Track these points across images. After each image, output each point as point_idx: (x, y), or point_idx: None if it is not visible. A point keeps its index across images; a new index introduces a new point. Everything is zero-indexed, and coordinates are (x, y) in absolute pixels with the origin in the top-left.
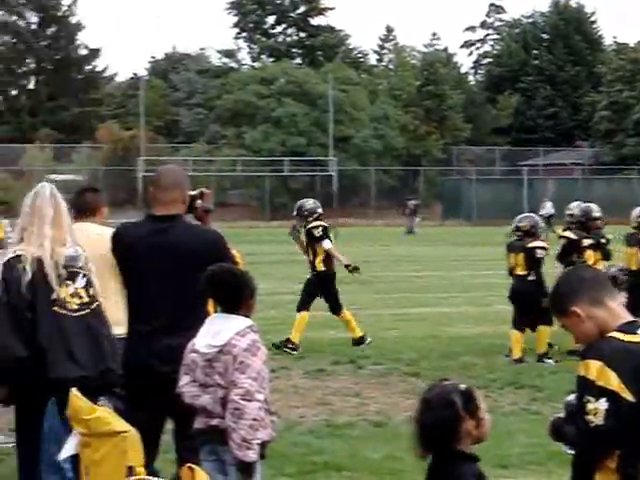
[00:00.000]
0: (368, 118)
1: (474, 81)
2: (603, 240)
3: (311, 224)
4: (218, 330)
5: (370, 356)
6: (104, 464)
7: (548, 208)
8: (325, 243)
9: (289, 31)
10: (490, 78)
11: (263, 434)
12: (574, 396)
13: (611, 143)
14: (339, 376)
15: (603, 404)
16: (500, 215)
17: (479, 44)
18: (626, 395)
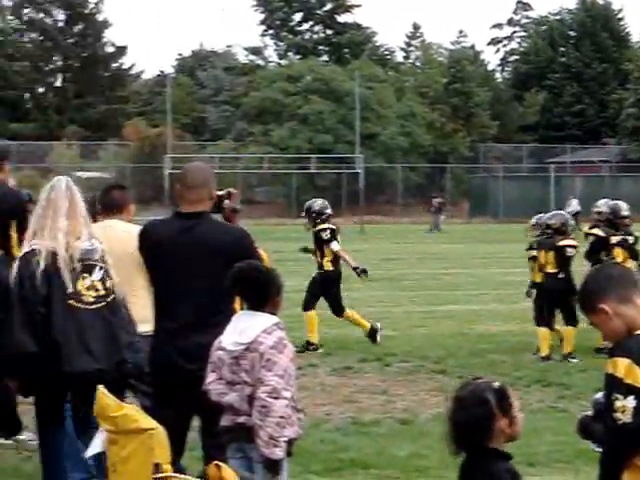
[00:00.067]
0: (395, 115)
1: (501, 78)
2: (631, 238)
3: (319, 226)
4: (245, 327)
5: (397, 353)
6: (131, 461)
7: (574, 205)
8: (333, 245)
9: (316, 28)
10: (517, 75)
11: (290, 431)
12: (602, 394)
13: (638, 140)
14: (366, 373)
15: (631, 402)
16: (527, 212)
17: (506, 41)
18: None
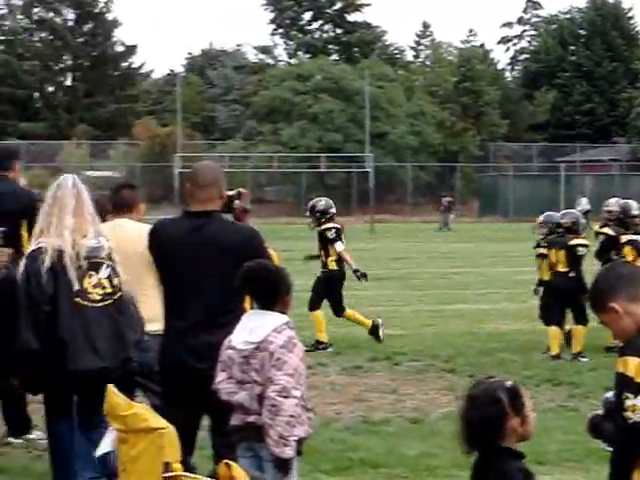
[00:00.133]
0: (404, 114)
1: (511, 77)
2: None
3: (325, 225)
4: (254, 327)
5: (407, 352)
6: (141, 460)
7: (583, 204)
8: (337, 245)
9: (326, 27)
10: (527, 74)
11: (300, 431)
12: (612, 393)
13: None
14: (376, 373)
15: None
16: (537, 211)
17: (516, 40)
18: None
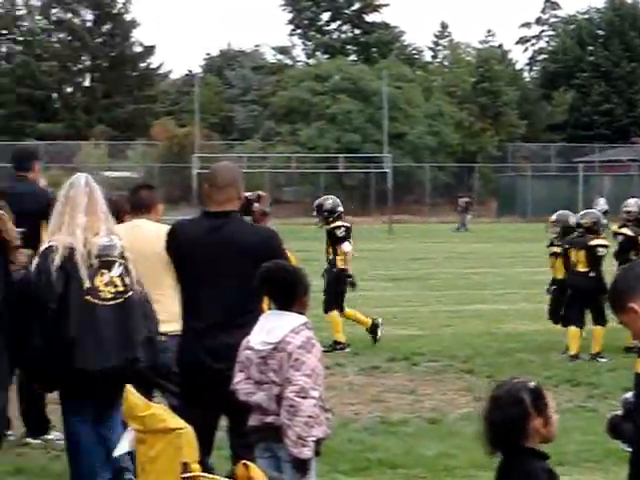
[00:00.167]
0: (423, 115)
1: (529, 78)
2: None
3: (334, 224)
4: (272, 327)
5: (425, 353)
6: (159, 461)
7: (601, 204)
8: (345, 246)
9: (344, 28)
10: (545, 74)
11: (318, 431)
12: (631, 393)
13: None
14: (394, 373)
15: None
16: (555, 212)
17: (534, 40)
18: None
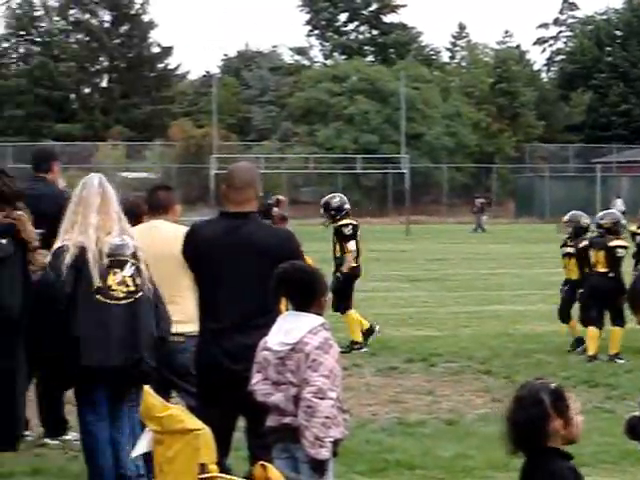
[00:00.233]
0: (440, 115)
1: (547, 78)
2: None
3: (341, 222)
4: (290, 328)
5: (443, 354)
6: (177, 461)
7: (618, 205)
8: (350, 244)
9: (361, 28)
10: (563, 75)
11: (335, 432)
12: None
13: None
14: (411, 374)
15: None
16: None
17: (552, 41)
18: None
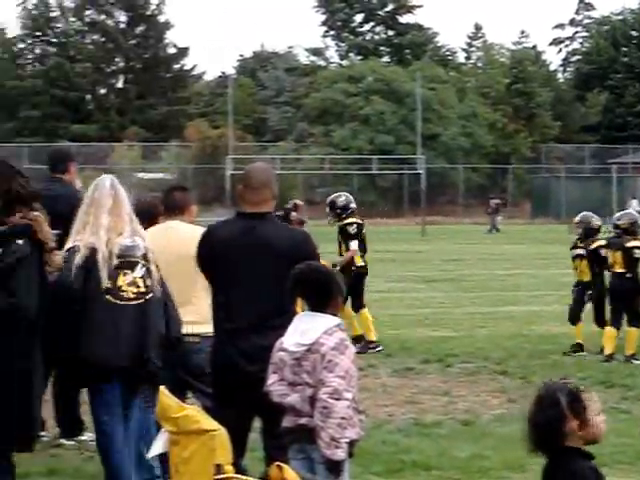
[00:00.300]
0: (456, 116)
1: (563, 79)
2: None
3: (346, 220)
4: (306, 329)
5: (459, 355)
6: (193, 462)
7: (634, 206)
8: (352, 244)
9: (377, 29)
10: (579, 76)
11: (351, 433)
12: None
13: None
14: (428, 374)
15: None
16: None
17: (568, 41)
18: None
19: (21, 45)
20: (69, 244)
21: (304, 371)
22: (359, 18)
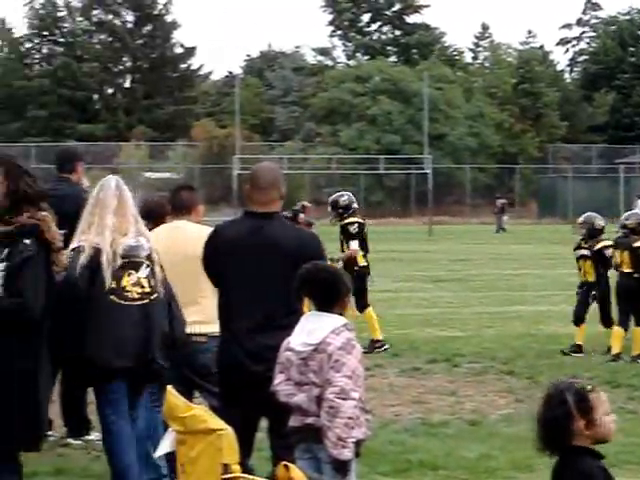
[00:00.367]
0: (463, 116)
1: (570, 79)
2: None
3: (347, 220)
4: (313, 328)
5: (466, 354)
6: (200, 461)
7: None
8: (353, 243)
9: (384, 29)
10: (586, 76)
11: (358, 432)
12: None
13: None
14: (434, 374)
15: None
16: (597, 213)
17: (575, 41)
18: None
19: (28, 45)
20: (74, 244)
21: (311, 371)
22: (366, 18)
